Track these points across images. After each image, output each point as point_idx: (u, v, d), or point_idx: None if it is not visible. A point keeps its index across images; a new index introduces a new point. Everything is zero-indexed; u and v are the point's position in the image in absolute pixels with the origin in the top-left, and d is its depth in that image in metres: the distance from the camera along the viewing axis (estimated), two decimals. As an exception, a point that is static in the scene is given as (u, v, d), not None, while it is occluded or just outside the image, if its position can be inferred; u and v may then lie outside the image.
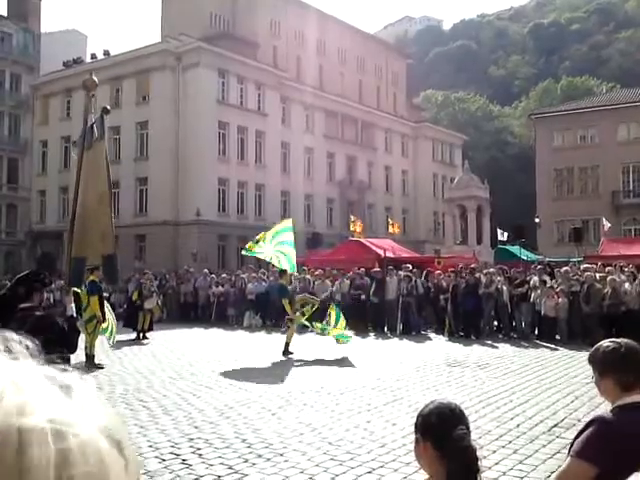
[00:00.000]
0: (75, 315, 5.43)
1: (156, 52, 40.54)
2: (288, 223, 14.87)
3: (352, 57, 56.87)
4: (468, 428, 2.10)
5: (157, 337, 17.65)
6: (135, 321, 17.76)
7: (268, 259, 14.39)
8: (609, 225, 26.91)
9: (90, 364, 12.13)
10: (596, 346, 2.74)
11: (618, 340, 2.71)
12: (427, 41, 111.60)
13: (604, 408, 2.66)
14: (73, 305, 5.51)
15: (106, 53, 46.18)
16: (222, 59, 40.52)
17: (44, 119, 45.93)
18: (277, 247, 14.11)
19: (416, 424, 2.16)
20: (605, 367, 2.61)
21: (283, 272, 15.00)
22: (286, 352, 13.81)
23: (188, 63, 39.74)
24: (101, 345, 13.11)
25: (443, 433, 2.03)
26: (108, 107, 6.83)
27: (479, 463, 2.01)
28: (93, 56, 47.95)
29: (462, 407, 7.29)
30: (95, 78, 6.42)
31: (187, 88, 39.48)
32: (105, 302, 15.16)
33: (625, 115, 43.64)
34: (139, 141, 41.22)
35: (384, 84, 60.62)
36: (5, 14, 50.83)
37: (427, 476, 2.14)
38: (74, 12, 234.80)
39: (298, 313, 14.42)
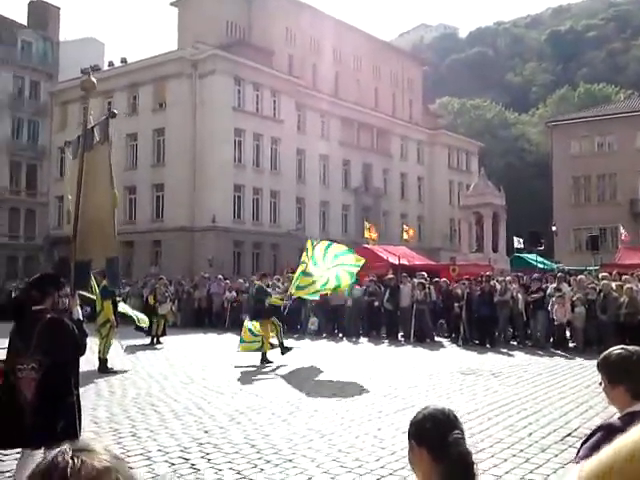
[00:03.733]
0: (82, 318, 5.44)
1: (173, 60, 40.89)
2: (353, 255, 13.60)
3: (368, 64, 56.92)
4: (463, 433, 2.07)
5: (171, 342, 17.71)
6: (149, 326, 17.80)
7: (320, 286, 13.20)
8: (625, 233, 26.59)
9: (103, 368, 12.19)
10: (606, 352, 2.69)
11: (629, 347, 2.66)
12: (443, 48, 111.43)
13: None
14: (79, 308, 5.53)
15: (123, 61, 46.60)
16: (238, 66, 40.75)
17: (62, 125, 46.41)
18: (336, 267, 12.97)
19: (410, 431, 2.12)
20: (616, 374, 2.57)
21: (264, 276, 15.04)
22: (264, 360, 13.41)
23: (204, 70, 40.01)
24: (114, 349, 13.15)
25: (438, 438, 2.00)
26: (115, 111, 6.86)
27: (475, 468, 1.98)
28: (110, 64, 48.41)
29: (474, 414, 7.20)
30: (94, 79, 6.46)
31: (203, 95, 39.74)
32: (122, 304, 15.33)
33: (643, 122, 43.22)
34: (156, 148, 41.52)
35: (400, 91, 60.59)
36: (25, 23, 51.53)
37: None
38: (92, 20, 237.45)
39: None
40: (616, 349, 2.67)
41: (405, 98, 60.94)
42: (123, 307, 15.18)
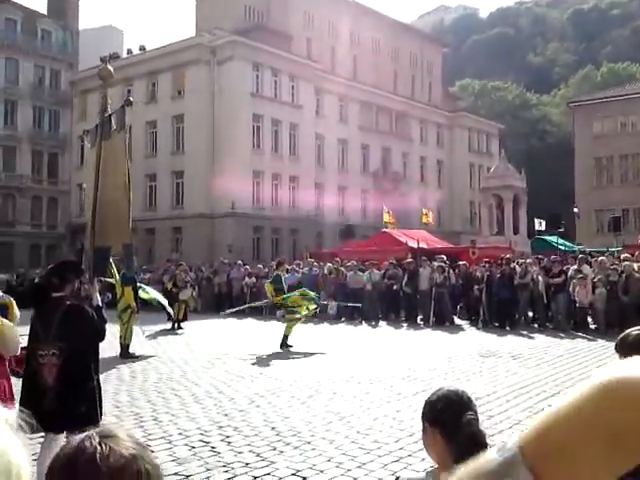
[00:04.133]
0: (101, 305, 5.52)
1: (191, 46, 40.92)
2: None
3: (386, 47, 56.42)
4: (476, 414, 2.06)
5: (192, 327, 17.88)
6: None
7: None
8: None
9: (125, 354, 12.35)
10: (624, 333, 2.65)
11: (647, 328, 2.62)
12: (463, 29, 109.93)
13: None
14: (98, 295, 5.61)
15: (142, 48, 46.78)
16: (256, 52, 40.66)
17: (82, 114, 46.71)
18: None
19: (423, 412, 2.13)
20: (635, 355, 2.53)
21: (280, 264, 15.09)
22: (284, 344, 13.45)
23: (222, 56, 39.98)
24: (136, 335, 13.31)
25: (451, 420, 2.00)
26: (131, 99, 6.91)
27: (488, 449, 1.97)
28: (129, 51, 48.65)
29: (493, 396, 7.19)
30: (110, 68, 6.52)
31: (222, 81, 39.74)
32: (145, 287, 15.45)
33: (668, 101, 42.45)
34: (175, 135, 41.70)
35: (419, 74, 60.05)
36: (45, 12, 51.83)
37: (435, 465, 2.11)
38: (110, 8, 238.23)
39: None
40: (634, 330, 2.63)
41: (424, 81, 60.38)
42: (146, 291, 15.24)
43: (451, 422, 2.00)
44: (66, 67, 50.29)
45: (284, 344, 13.45)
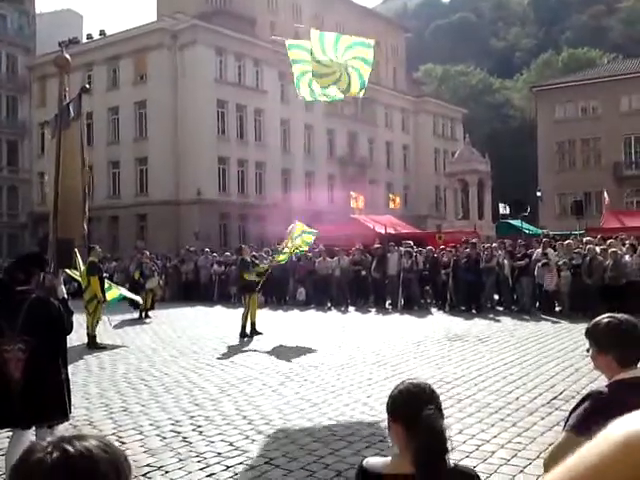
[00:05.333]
0: (67, 296, 5.42)
1: (152, 31, 40.24)
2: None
3: (350, 31, 55.09)
4: (439, 408, 2.07)
5: (159, 316, 17.70)
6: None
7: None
8: (607, 198, 26.79)
9: (92, 344, 12.19)
10: (595, 320, 2.70)
11: (618, 315, 2.67)
12: (426, 14, 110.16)
13: (603, 380, 2.65)
14: (63, 287, 5.51)
15: (102, 33, 45.86)
16: (219, 36, 40.16)
17: (42, 100, 45.62)
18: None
19: (387, 406, 2.15)
20: (604, 342, 2.58)
21: (239, 249, 14.93)
22: (253, 331, 13.36)
23: (185, 41, 39.42)
24: (103, 325, 13.14)
25: (412, 413, 2.00)
26: (87, 86, 6.77)
27: (447, 444, 1.98)
28: (89, 36, 47.57)
29: (461, 380, 7.27)
30: (67, 56, 6.34)
31: (185, 67, 39.21)
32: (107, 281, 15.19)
33: (627, 86, 43.16)
34: (138, 121, 41.03)
35: (383, 59, 59.95)
36: (-1, -5, 50.38)
37: (397, 451, 2.13)
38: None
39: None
40: (605, 317, 2.68)
41: (389, 66, 60.41)
42: (117, 291, 14.90)
43: (411, 417, 2.00)
44: (23, 52, 49.03)
45: (253, 331, 13.40)
